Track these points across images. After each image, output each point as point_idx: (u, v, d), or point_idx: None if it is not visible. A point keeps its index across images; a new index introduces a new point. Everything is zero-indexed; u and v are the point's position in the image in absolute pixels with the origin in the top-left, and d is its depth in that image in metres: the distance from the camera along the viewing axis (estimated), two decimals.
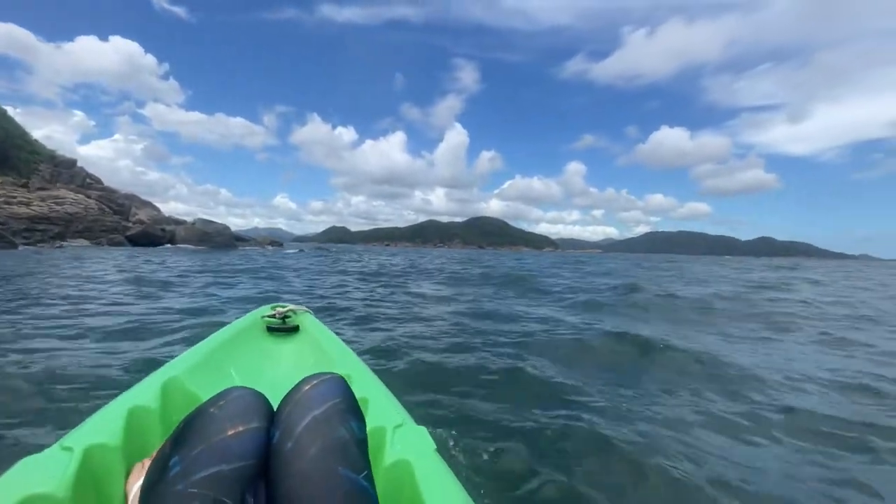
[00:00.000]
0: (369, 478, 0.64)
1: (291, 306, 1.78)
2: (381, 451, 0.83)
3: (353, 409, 0.70)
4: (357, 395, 0.85)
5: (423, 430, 0.89)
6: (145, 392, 0.95)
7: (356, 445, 0.66)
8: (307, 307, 1.81)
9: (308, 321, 1.73)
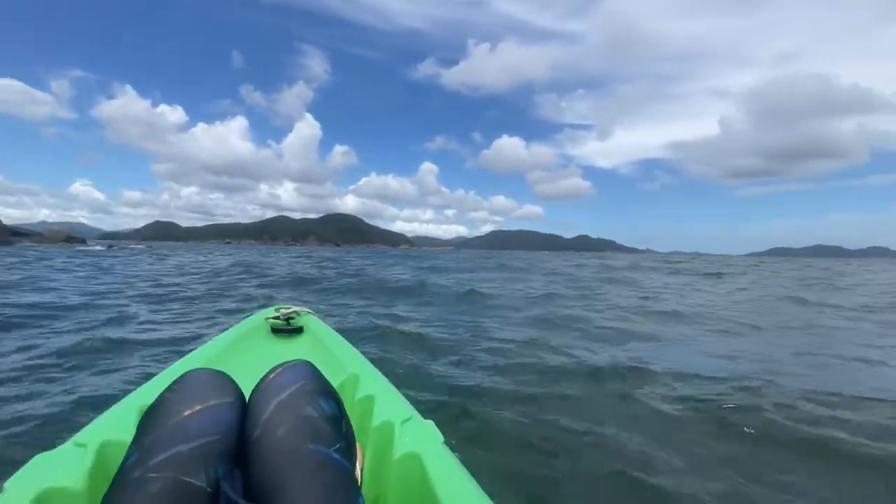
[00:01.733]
0: (343, 451, 0.62)
1: (295, 308, 1.78)
2: (389, 445, 0.84)
3: (321, 390, 0.68)
4: (364, 393, 1.02)
5: (430, 423, 0.89)
6: (154, 390, 0.82)
7: (326, 421, 0.63)
8: (310, 308, 1.81)
9: (312, 322, 1.74)
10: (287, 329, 1.67)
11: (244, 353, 1.42)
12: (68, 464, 0.68)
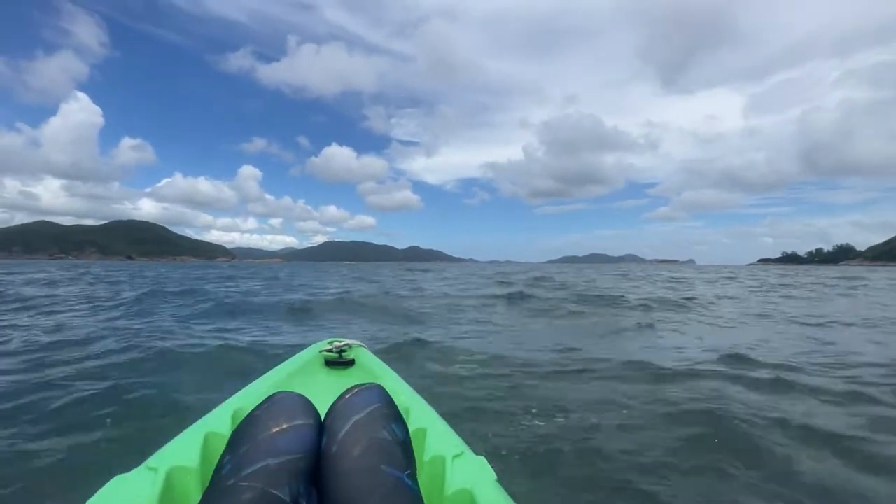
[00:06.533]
0: (413, 477, 0.66)
1: (347, 340, 1.83)
2: (440, 480, 0.82)
3: (393, 415, 0.74)
4: (415, 427, 0.93)
5: (482, 459, 0.88)
6: (217, 420, 1.04)
7: (398, 446, 0.68)
8: (361, 342, 1.87)
9: (363, 355, 1.78)
10: (340, 362, 1.72)
11: (302, 384, 1.44)
12: (141, 487, 0.73)
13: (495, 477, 0.82)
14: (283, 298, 9.07)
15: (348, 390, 0.79)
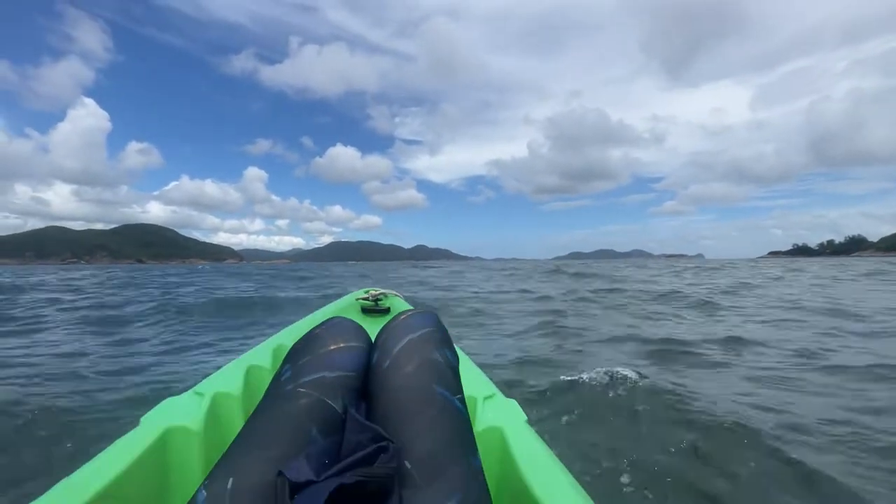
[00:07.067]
0: (463, 402, 0.65)
1: (382, 290, 1.89)
2: (471, 419, 0.80)
3: (446, 340, 0.73)
4: None
5: (513, 402, 0.91)
6: (260, 354, 1.12)
7: (450, 370, 0.68)
8: (396, 291, 1.92)
9: (398, 303, 1.85)
10: (376, 309, 1.76)
11: None
12: (189, 408, 0.81)
13: (525, 418, 0.85)
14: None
15: (403, 312, 0.78)
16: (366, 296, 1.85)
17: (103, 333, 4.78)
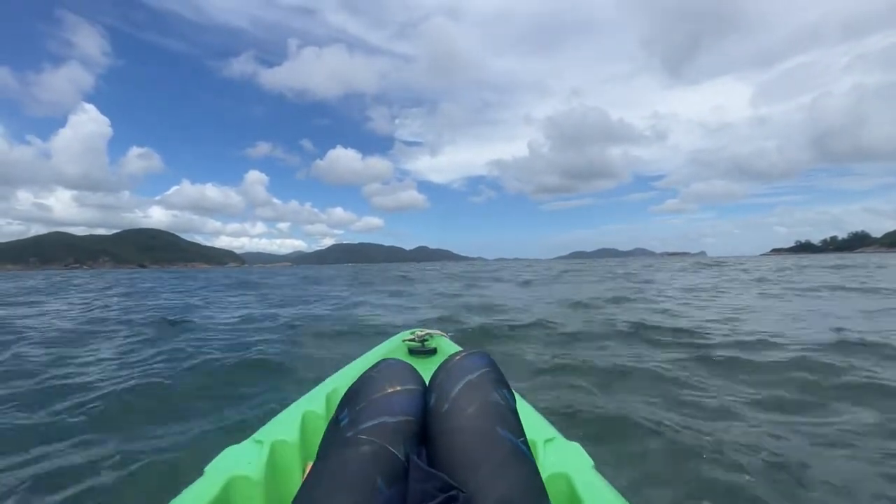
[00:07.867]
0: (527, 445, 0.62)
1: (428, 330, 1.90)
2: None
3: (503, 381, 0.71)
4: None
5: (577, 445, 0.87)
6: (314, 400, 1.14)
7: (511, 412, 0.65)
8: (442, 331, 1.91)
9: (444, 343, 1.84)
10: (423, 350, 1.76)
11: None
12: (250, 457, 0.82)
13: (592, 463, 0.81)
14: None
15: (456, 353, 0.76)
16: (412, 336, 1.85)
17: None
